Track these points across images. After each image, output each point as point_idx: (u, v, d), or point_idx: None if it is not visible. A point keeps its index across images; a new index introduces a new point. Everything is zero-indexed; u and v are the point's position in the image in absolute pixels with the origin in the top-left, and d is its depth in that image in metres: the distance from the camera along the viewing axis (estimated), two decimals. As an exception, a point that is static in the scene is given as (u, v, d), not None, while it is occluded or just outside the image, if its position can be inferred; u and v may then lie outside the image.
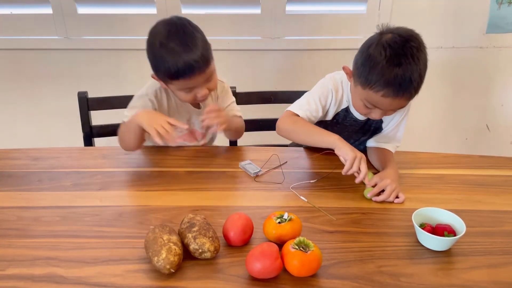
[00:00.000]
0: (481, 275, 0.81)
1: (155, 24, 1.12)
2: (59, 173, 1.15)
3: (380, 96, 1.02)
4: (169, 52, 1.07)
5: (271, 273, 0.78)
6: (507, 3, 1.82)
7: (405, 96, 1.03)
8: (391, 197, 1.04)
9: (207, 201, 1.03)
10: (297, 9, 1.87)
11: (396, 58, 0.98)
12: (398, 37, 1.00)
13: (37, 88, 2.01)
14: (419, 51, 1.00)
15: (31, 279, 0.79)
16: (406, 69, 0.98)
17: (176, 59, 1.07)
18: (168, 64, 1.07)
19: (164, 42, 1.07)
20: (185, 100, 1.21)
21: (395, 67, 0.98)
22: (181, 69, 1.07)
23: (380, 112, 1.09)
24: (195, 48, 1.08)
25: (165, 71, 1.09)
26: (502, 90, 2.04)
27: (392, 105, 1.05)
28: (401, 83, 0.99)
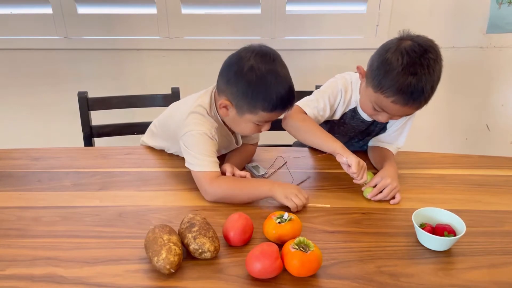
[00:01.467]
0: (481, 275, 0.81)
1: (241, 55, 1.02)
2: (59, 173, 1.15)
3: (390, 102, 1.02)
4: (276, 81, 0.99)
5: (271, 273, 0.78)
6: (507, 3, 1.82)
7: (415, 105, 1.03)
8: (389, 197, 1.04)
9: (207, 201, 1.03)
10: (297, 9, 1.87)
11: (412, 67, 0.98)
12: (418, 46, 0.99)
13: (37, 88, 2.01)
14: (435, 63, 1.00)
15: (31, 279, 0.79)
16: (420, 79, 0.98)
17: (281, 89, 1.00)
18: (272, 92, 0.99)
19: (268, 69, 0.99)
20: (247, 133, 1.13)
21: (410, 75, 0.98)
22: (284, 100, 1.02)
23: (387, 116, 1.09)
24: (291, 81, 1.03)
25: (265, 101, 1.00)
26: (502, 90, 2.04)
27: (400, 112, 1.06)
28: (413, 92, 0.99)
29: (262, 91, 0.99)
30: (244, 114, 1.03)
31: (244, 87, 0.99)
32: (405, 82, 0.98)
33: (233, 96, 1.02)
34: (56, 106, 2.04)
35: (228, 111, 1.05)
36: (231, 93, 1.02)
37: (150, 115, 1.53)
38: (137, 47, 1.92)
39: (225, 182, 1.04)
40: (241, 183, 1.05)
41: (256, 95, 0.99)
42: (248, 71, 0.99)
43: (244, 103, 1.01)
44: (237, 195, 1.03)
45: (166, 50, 1.92)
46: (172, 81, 1.61)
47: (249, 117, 1.03)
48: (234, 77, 1.01)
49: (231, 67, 1.02)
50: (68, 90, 1.71)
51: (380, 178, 1.06)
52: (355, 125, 1.24)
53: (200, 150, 1.05)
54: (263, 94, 0.99)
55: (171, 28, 1.86)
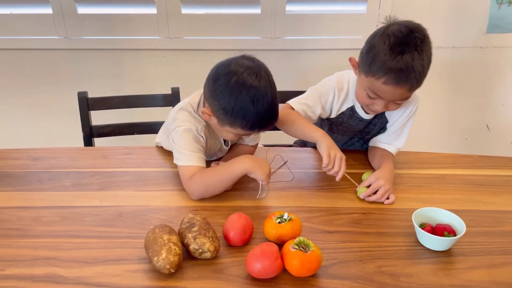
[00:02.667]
0: (481, 275, 0.81)
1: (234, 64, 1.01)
2: (59, 173, 1.15)
3: (382, 83, 1.02)
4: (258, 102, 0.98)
5: (271, 273, 0.78)
6: (507, 3, 1.82)
7: (406, 86, 1.02)
8: (383, 199, 1.04)
9: (207, 201, 1.03)
10: (297, 9, 1.87)
11: (399, 46, 0.99)
12: (404, 27, 1.01)
13: (37, 88, 2.01)
14: (423, 43, 1.01)
15: (31, 279, 0.79)
16: (409, 57, 0.99)
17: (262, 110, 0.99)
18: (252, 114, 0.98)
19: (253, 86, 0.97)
20: (229, 139, 1.15)
21: (397, 54, 0.99)
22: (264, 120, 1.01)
23: (383, 104, 1.08)
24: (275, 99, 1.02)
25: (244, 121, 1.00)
26: (502, 90, 2.04)
27: (393, 94, 1.04)
28: (402, 70, 0.99)
29: (241, 112, 0.98)
30: (224, 126, 1.04)
31: (225, 104, 0.99)
32: (394, 60, 0.99)
33: (215, 109, 1.02)
34: (56, 106, 2.04)
35: (210, 118, 1.06)
36: (213, 105, 1.03)
37: (150, 115, 1.54)
38: (137, 47, 1.92)
39: (201, 176, 1.03)
40: (213, 172, 1.05)
41: (235, 115, 0.99)
42: (232, 88, 0.98)
43: (224, 118, 1.02)
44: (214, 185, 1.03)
45: (166, 50, 1.92)
46: (172, 81, 1.61)
47: (229, 129, 1.04)
48: (218, 91, 1.00)
49: (217, 79, 1.02)
50: (68, 90, 1.71)
51: (374, 179, 1.06)
52: (353, 124, 1.24)
53: (184, 146, 1.06)
54: (242, 114, 0.99)
55: (171, 28, 1.86)
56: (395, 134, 1.23)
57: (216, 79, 1.02)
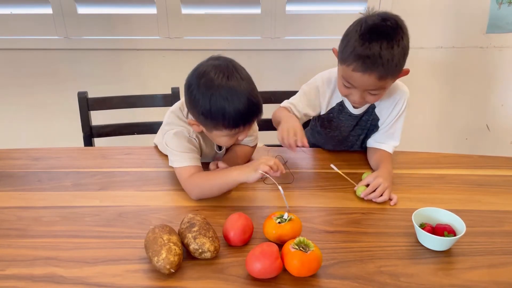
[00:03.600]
0: (481, 275, 0.81)
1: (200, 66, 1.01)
2: (59, 173, 1.15)
3: (351, 70, 1.03)
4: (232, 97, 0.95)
5: (271, 273, 0.78)
6: (507, 3, 1.82)
7: (374, 73, 1.02)
8: (382, 198, 1.03)
9: (207, 201, 1.03)
10: (297, 9, 1.87)
11: (369, 33, 1.00)
12: (377, 16, 1.03)
13: (37, 88, 2.01)
14: (395, 32, 1.01)
15: (31, 279, 0.79)
16: (377, 44, 0.99)
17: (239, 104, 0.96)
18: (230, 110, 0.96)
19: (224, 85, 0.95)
20: (224, 144, 1.12)
21: (366, 41, 1.00)
22: (245, 114, 0.98)
23: (358, 94, 1.08)
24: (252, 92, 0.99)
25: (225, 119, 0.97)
26: (502, 90, 2.04)
27: (363, 82, 1.04)
28: (370, 57, 1.00)
29: (219, 112, 0.96)
30: (212, 131, 1.03)
31: (202, 109, 0.98)
32: (362, 47, 1.00)
33: (196, 116, 1.02)
34: (56, 106, 2.04)
35: (199, 127, 1.06)
36: (193, 114, 1.03)
37: (150, 115, 1.54)
38: (137, 47, 1.92)
39: (198, 178, 1.04)
40: (212, 175, 1.05)
41: (215, 116, 0.97)
42: (204, 90, 0.97)
43: (207, 123, 1.01)
44: (211, 189, 1.03)
45: (166, 50, 1.92)
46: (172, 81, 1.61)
47: (217, 133, 1.03)
48: (192, 98, 0.99)
49: (190, 86, 1.01)
50: (68, 90, 1.71)
51: (372, 178, 1.07)
52: (343, 119, 1.25)
53: (177, 147, 1.07)
54: (221, 113, 0.96)
55: (171, 28, 1.86)
56: (388, 132, 1.23)
57: (189, 86, 1.01)
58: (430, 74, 1.99)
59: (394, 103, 1.19)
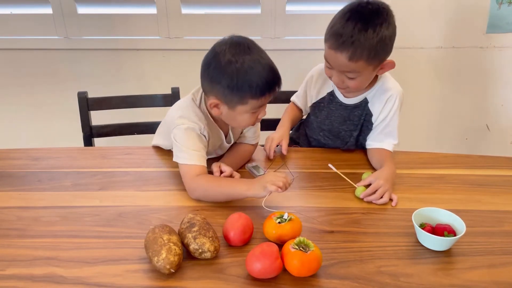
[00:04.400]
0: (481, 275, 0.81)
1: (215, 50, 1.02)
2: (59, 173, 1.15)
3: (328, 47, 1.07)
4: (256, 66, 0.98)
5: (271, 273, 0.78)
6: (507, 3, 1.82)
7: (344, 52, 1.04)
8: (382, 200, 1.03)
9: (207, 201, 1.03)
10: (297, 9, 1.87)
11: (348, 13, 1.04)
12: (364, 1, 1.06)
13: (37, 88, 2.01)
14: (374, 16, 1.03)
15: (31, 279, 0.79)
16: (351, 24, 1.02)
17: (263, 72, 0.98)
18: (256, 78, 0.97)
19: (245, 57, 0.98)
20: (246, 124, 1.09)
21: (343, 20, 1.04)
22: (270, 82, 0.99)
23: (337, 75, 1.11)
24: (272, 62, 1.02)
25: (252, 88, 0.98)
26: (502, 90, 2.04)
27: (336, 60, 1.07)
28: (342, 35, 1.03)
29: (246, 80, 0.97)
30: (236, 107, 1.02)
31: (227, 81, 0.98)
32: (338, 25, 1.04)
33: (220, 93, 1.01)
34: (56, 106, 2.04)
35: (220, 109, 1.05)
36: (217, 91, 1.01)
37: (150, 115, 1.54)
38: (137, 47, 1.92)
39: (206, 181, 1.03)
40: (221, 182, 1.04)
41: (241, 86, 0.98)
42: (226, 65, 0.98)
43: (232, 96, 1.00)
44: (215, 195, 1.03)
45: (166, 50, 1.92)
46: (172, 81, 1.61)
47: (241, 108, 1.02)
48: (215, 75, 1.00)
49: (209, 66, 1.01)
50: (68, 90, 1.71)
51: (373, 178, 1.06)
52: (334, 109, 1.27)
53: (187, 144, 1.06)
54: (248, 82, 0.98)
55: (171, 28, 1.86)
56: (385, 131, 1.23)
57: (208, 66, 1.02)
58: (430, 74, 1.99)
59: (386, 98, 1.21)
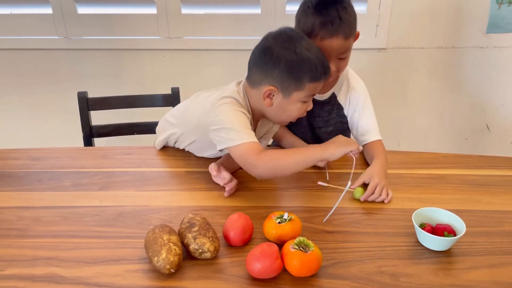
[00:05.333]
0: (481, 275, 0.81)
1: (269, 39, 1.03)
2: (59, 173, 1.15)
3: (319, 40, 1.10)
4: (313, 50, 1.01)
5: (271, 273, 0.78)
6: (507, 3, 1.82)
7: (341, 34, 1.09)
8: (382, 198, 1.04)
9: (207, 201, 1.03)
10: (297, 9, 1.87)
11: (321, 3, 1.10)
12: None
13: (37, 88, 2.01)
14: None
15: (31, 279, 0.79)
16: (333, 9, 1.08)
17: (318, 55, 1.02)
18: (315, 60, 1.00)
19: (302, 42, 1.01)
20: (294, 116, 1.07)
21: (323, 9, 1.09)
22: (325, 66, 1.03)
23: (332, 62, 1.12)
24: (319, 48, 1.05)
25: (311, 71, 1.00)
26: (502, 90, 2.04)
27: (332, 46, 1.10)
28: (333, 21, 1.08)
29: (305, 63, 0.99)
30: (291, 94, 1.02)
31: (286, 66, 0.99)
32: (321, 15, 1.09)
33: (277, 80, 1.01)
34: (56, 106, 2.04)
35: (273, 100, 1.04)
36: (272, 78, 1.01)
37: (150, 115, 1.54)
38: (137, 47, 1.92)
39: (274, 152, 1.01)
40: (290, 151, 1.06)
41: (300, 69, 0.99)
42: (284, 51, 1.00)
43: (290, 81, 1.00)
44: (287, 164, 0.99)
45: (166, 50, 1.92)
46: (172, 81, 1.61)
47: (297, 94, 1.02)
48: (271, 62, 1.00)
49: (264, 55, 1.02)
50: (68, 90, 1.71)
51: (368, 177, 1.07)
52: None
53: (240, 123, 1.01)
54: (307, 65, 0.99)
55: (171, 28, 1.86)
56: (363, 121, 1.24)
57: (264, 56, 1.02)
58: (430, 74, 1.99)
59: (348, 88, 1.24)
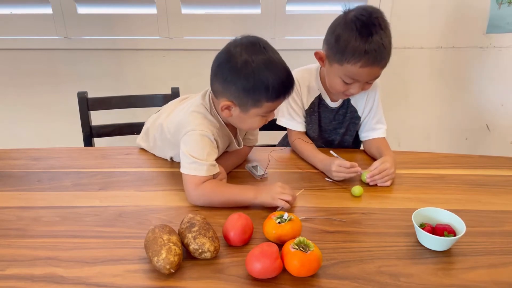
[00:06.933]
0: (481, 275, 0.81)
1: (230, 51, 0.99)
2: (59, 173, 1.15)
3: (359, 67, 1.07)
4: (272, 69, 0.97)
5: (271, 273, 0.78)
6: (507, 3, 1.82)
7: (382, 64, 1.09)
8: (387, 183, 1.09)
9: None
10: (297, 9, 1.87)
11: (366, 29, 1.05)
12: (362, 10, 1.07)
13: (37, 88, 2.01)
14: (384, 21, 1.08)
15: (31, 279, 0.79)
16: (378, 37, 1.05)
17: (280, 75, 0.98)
18: (272, 81, 0.96)
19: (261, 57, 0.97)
20: (255, 127, 1.08)
21: (368, 36, 1.05)
22: (286, 84, 1.00)
23: (358, 86, 1.14)
24: (286, 64, 1.02)
25: (268, 91, 0.97)
26: (502, 90, 2.04)
27: (369, 74, 1.10)
28: (376, 50, 1.05)
29: (263, 82, 0.96)
30: (249, 110, 1.01)
31: (243, 83, 0.97)
32: (366, 42, 1.05)
33: (234, 95, 0.99)
34: (56, 106, 2.04)
35: (231, 112, 1.03)
36: (230, 93, 0.99)
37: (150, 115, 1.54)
38: (137, 47, 1.92)
39: (210, 188, 1.01)
40: (226, 190, 1.03)
41: (258, 88, 0.97)
42: (243, 66, 0.96)
43: (247, 99, 0.99)
44: (217, 203, 1.01)
45: (166, 50, 1.92)
46: (172, 81, 1.61)
47: (255, 111, 1.01)
48: (230, 76, 0.98)
49: (224, 66, 0.99)
50: (68, 90, 1.71)
51: (379, 163, 1.11)
52: (321, 111, 1.30)
53: (199, 152, 1.01)
54: (265, 84, 0.96)
55: (171, 28, 1.86)
56: (375, 120, 1.28)
57: (223, 67, 0.99)
58: (430, 74, 1.99)
59: (367, 91, 1.25)
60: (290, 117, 1.29)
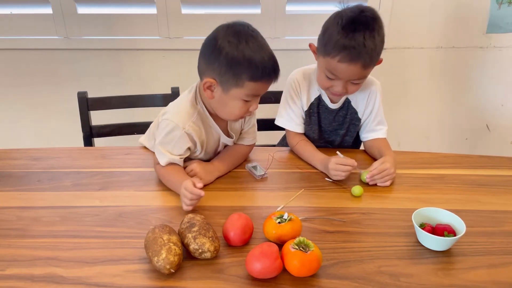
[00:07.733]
0: (481, 275, 0.81)
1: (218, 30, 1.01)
2: (59, 173, 1.15)
3: (337, 61, 1.07)
4: (258, 50, 0.97)
5: (271, 273, 0.78)
6: (507, 3, 1.82)
7: (360, 62, 1.06)
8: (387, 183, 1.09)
9: (207, 201, 1.03)
10: (297, 9, 1.87)
11: (351, 24, 1.05)
12: (354, 8, 1.07)
13: (37, 88, 2.01)
14: (374, 22, 1.06)
15: (31, 279, 0.79)
16: (361, 34, 1.04)
17: (263, 56, 0.98)
18: (256, 60, 0.96)
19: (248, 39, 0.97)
20: (237, 114, 1.06)
21: (350, 32, 1.04)
22: (269, 68, 0.99)
23: (341, 84, 1.12)
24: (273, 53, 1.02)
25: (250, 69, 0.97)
26: (502, 90, 2.04)
27: (348, 72, 1.08)
28: (355, 47, 1.04)
29: (245, 59, 0.96)
30: (230, 90, 1.00)
31: (226, 59, 0.97)
32: (347, 38, 1.04)
33: (216, 72, 0.99)
34: (56, 106, 2.04)
35: (213, 92, 1.03)
36: (213, 70, 1.00)
37: (150, 115, 1.53)
38: (137, 47, 1.92)
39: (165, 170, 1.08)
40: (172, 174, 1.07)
41: (239, 64, 0.97)
42: (227, 44, 0.97)
43: (228, 76, 0.98)
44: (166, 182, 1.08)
45: (166, 50, 1.92)
46: (172, 81, 1.61)
47: (236, 92, 1.00)
48: (214, 53, 0.98)
49: (209, 46, 1.01)
50: (68, 90, 1.71)
51: (379, 163, 1.11)
52: (321, 112, 1.29)
53: (165, 144, 1.07)
54: (247, 62, 0.96)
55: (171, 28, 1.86)
56: (376, 121, 1.28)
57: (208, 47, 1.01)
58: (430, 74, 1.99)
59: (367, 94, 1.25)
60: (288, 117, 1.29)
